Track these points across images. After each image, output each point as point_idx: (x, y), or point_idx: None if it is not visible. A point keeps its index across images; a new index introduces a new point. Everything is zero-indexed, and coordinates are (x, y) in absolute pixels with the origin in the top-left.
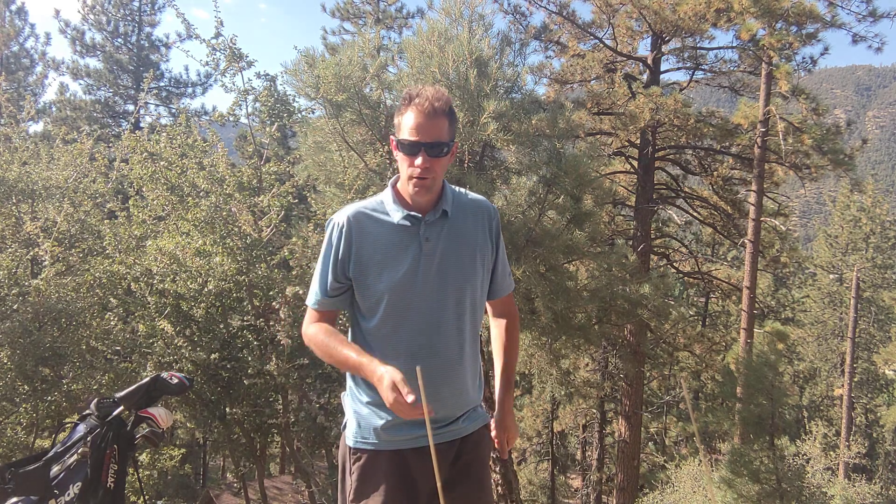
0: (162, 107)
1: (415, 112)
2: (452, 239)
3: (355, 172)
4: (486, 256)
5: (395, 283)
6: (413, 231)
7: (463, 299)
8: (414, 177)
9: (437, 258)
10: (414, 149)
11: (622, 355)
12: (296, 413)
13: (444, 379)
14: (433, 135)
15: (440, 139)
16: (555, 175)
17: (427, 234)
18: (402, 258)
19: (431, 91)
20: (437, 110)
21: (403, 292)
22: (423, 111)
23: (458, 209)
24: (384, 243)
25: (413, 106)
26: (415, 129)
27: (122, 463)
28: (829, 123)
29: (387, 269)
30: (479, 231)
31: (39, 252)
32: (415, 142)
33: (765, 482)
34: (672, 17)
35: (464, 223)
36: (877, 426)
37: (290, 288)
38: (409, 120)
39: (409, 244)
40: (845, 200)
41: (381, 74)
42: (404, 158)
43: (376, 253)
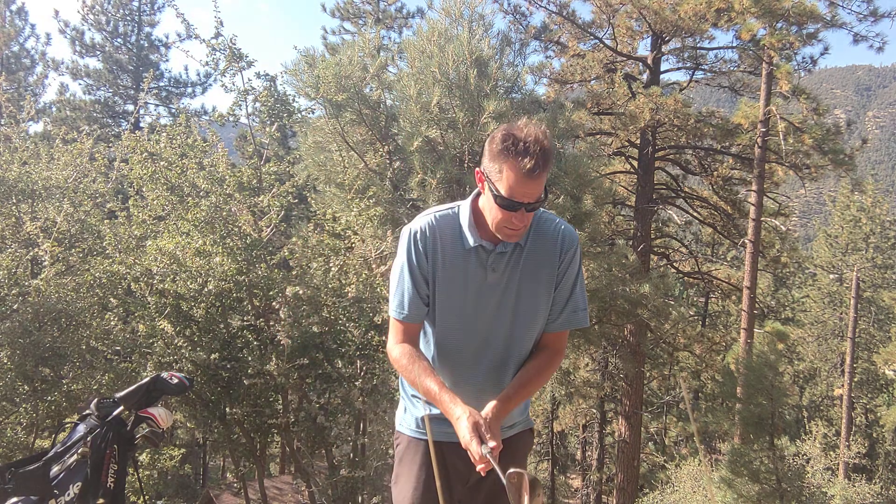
0: (162, 107)
1: (517, 172)
2: (520, 272)
3: (355, 172)
4: (551, 290)
5: (456, 307)
6: (483, 259)
7: (519, 330)
8: (507, 229)
9: (501, 290)
10: (515, 207)
11: (622, 355)
12: (296, 413)
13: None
14: (535, 194)
15: (540, 195)
16: (555, 175)
17: (494, 264)
18: (468, 284)
19: (537, 140)
20: (544, 168)
21: (461, 315)
22: (530, 174)
23: (535, 241)
24: (453, 264)
25: (517, 161)
26: (515, 192)
27: (122, 463)
28: (829, 123)
29: (451, 290)
30: (549, 264)
31: (39, 252)
32: (517, 203)
33: (765, 482)
34: (672, 17)
35: (537, 255)
36: (877, 426)
37: (290, 288)
38: (510, 176)
39: (476, 271)
40: (845, 200)
41: (381, 74)
42: (499, 210)
43: (446, 270)
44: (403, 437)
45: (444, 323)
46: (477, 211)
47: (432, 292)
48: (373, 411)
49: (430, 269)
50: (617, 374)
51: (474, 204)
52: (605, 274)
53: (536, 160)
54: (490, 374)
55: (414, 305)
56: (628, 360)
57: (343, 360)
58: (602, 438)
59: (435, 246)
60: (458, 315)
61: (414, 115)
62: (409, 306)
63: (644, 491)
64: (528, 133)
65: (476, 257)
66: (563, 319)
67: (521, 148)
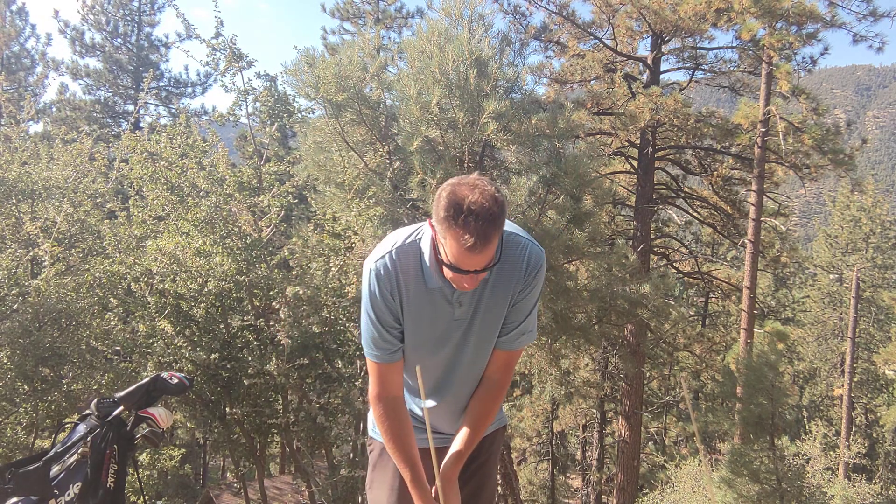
0: (162, 107)
1: (459, 247)
2: (486, 301)
3: (355, 172)
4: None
5: (421, 342)
6: (448, 295)
7: (481, 355)
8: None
9: (467, 322)
10: (462, 273)
11: (622, 355)
12: (296, 413)
13: (457, 409)
14: (483, 262)
15: (490, 261)
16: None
17: (460, 299)
18: (435, 320)
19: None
20: (489, 241)
21: (427, 349)
22: (474, 249)
23: (501, 268)
24: (418, 300)
25: (459, 237)
26: (461, 262)
27: (122, 463)
28: (829, 123)
29: (417, 326)
30: (511, 288)
31: (39, 252)
32: (462, 270)
33: (765, 482)
34: (672, 17)
35: (502, 283)
36: (877, 426)
37: (290, 288)
38: (453, 248)
39: (443, 306)
40: (845, 200)
41: (381, 74)
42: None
43: (411, 307)
44: (377, 444)
45: (410, 356)
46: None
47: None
48: None
49: (397, 308)
50: (617, 374)
51: (435, 242)
52: (605, 274)
53: (476, 238)
54: (453, 398)
55: (386, 345)
56: (628, 360)
57: (343, 360)
58: (602, 438)
59: (398, 283)
60: (425, 349)
61: (414, 115)
62: (381, 346)
63: (644, 491)
64: (472, 202)
65: (441, 294)
66: (511, 338)
67: (462, 222)
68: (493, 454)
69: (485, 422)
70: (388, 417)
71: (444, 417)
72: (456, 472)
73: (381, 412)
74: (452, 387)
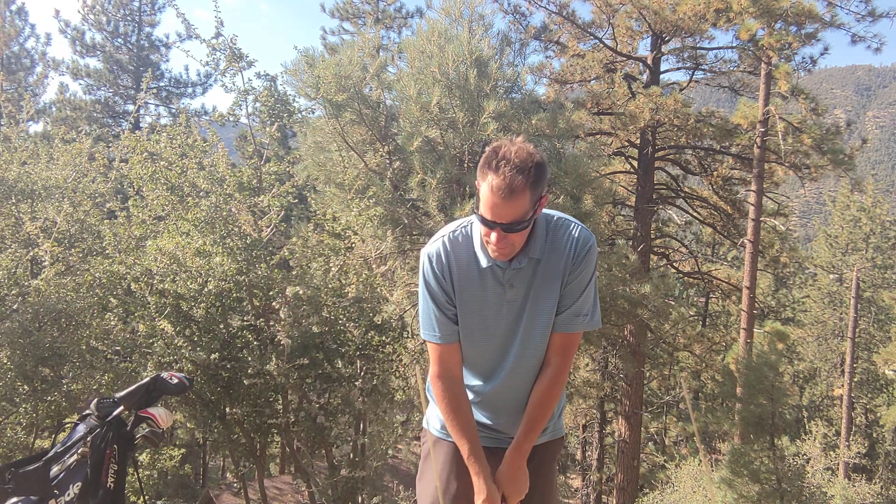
0: (162, 107)
1: (491, 192)
2: (536, 285)
3: (355, 172)
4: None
5: (477, 325)
6: (500, 276)
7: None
8: (490, 246)
9: (519, 305)
10: (489, 226)
11: (622, 355)
12: (296, 413)
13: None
14: (510, 216)
15: (517, 218)
16: (555, 175)
17: (512, 280)
18: (487, 302)
19: (516, 159)
20: (516, 190)
21: (483, 328)
22: (499, 192)
23: (549, 252)
24: (470, 284)
25: (491, 179)
26: (489, 210)
27: (122, 463)
28: (828, 123)
29: (471, 309)
30: (561, 272)
31: (39, 252)
32: (489, 220)
33: (765, 482)
34: (672, 17)
35: (550, 266)
36: (877, 426)
37: (290, 288)
38: (485, 194)
39: (495, 288)
40: (845, 200)
41: (381, 74)
42: (481, 225)
43: (464, 291)
44: (430, 435)
45: (467, 340)
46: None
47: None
48: (373, 411)
49: (451, 290)
50: (617, 374)
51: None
52: (605, 274)
53: (505, 181)
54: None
55: (443, 326)
56: (628, 360)
57: (343, 360)
58: (602, 438)
59: (451, 268)
60: (481, 332)
61: (414, 115)
62: (439, 328)
63: (644, 491)
64: (509, 151)
65: (492, 275)
66: (565, 320)
67: (495, 166)
68: (548, 465)
69: (544, 408)
70: (448, 394)
71: (500, 405)
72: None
73: (441, 390)
74: (506, 371)
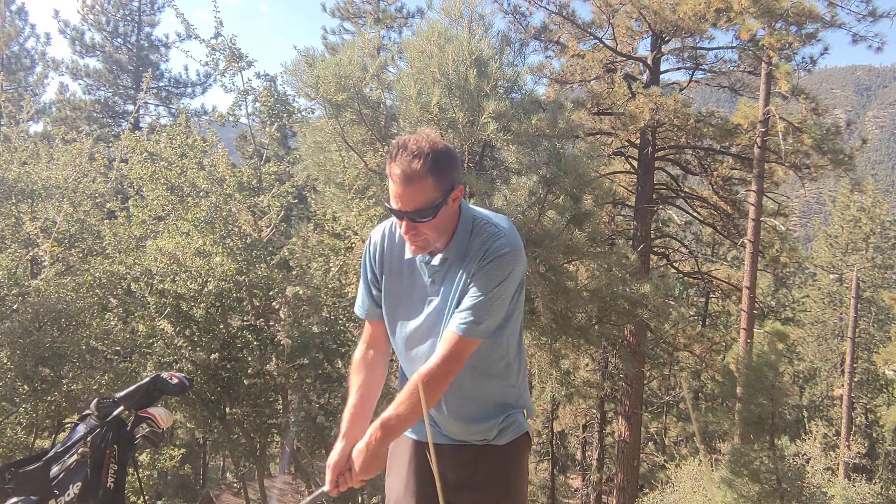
0: (162, 107)
1: (392, 180)
2: (453, 285)
3: (355, 172)
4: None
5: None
6: (423, 269)
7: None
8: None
9: (439, 301)
10: (397, 216)
11: (622, 355)
12: (296, 413)
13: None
14: (413, 202)
15: (421, 206)
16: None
17: (433, 275)
18: (411, 291)
19: (413, 146)
20: (413, 176)
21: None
22: (398, 179)
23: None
24: (398, 271)
25: (392, 168)
26: (393, 199)
27: (122, 463)
28: (828, 123)
29: (393, 296)
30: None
31: (39, 252)
32: (395, 210)
33: (765, 482)
34: (672, 17)
35: (464, 263)
36: (877, 426)
37: (290, 288)
38: (389, 184)
39: (419, 279)
40: (845, 200)
41: (381, 74)
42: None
43: (391, 276)
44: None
45: (390, 326)
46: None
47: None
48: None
49: (378, 273)
50: (617, 374)
51: None
52: (605, 274)
53: (402, 167)
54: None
55: (366, 304)
56: (628, 360)
57: (343, 360)
58: (602, 438)
59: (384, 253)
60: (401, 319)
61: (414, 115)
62: (362, 304)
63: (644, 491)
64: (408, 140)
65: (418, 267)
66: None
67: (394, 155)
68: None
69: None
70: (360, 356)
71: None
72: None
73: (358, 353)
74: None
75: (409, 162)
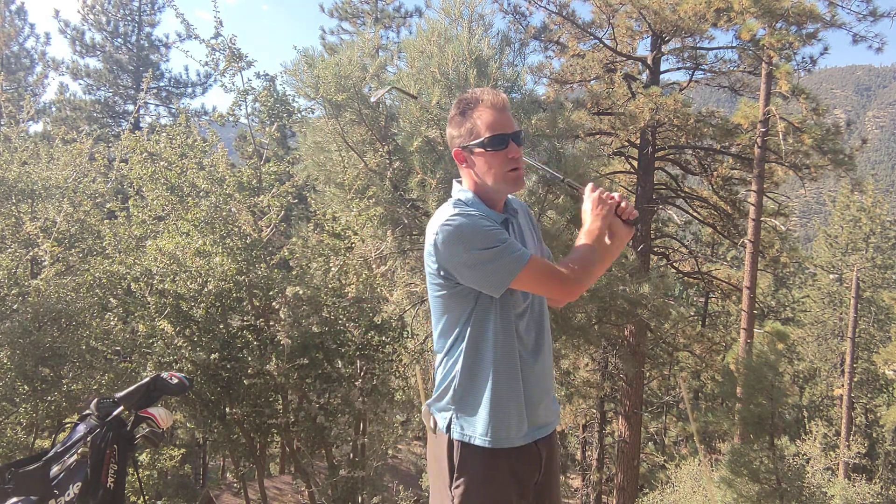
0: (162, 107)
1: (491, 109)
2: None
3: (355, 172)
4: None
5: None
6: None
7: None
8: (512, 169)
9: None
10: (504, 141)
11: (622, 355)
12: (296, 413)
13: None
14: (513, 126)
15: (518, 128)
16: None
17: (518, 229)
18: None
19: (490, 90)
20: (506, 104)
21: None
22: (498, 107)
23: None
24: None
25: (484, 105)
26: (499, 124)
27: (122, 463)
28: (829, 123)
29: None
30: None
31: (39, 252)
32: (504, 134)
33: (765, 482)
34: (672, 16)
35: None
36: (877, 426)
37: (290, 288)
38: (487, 117)
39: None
40: (845, 200)
41: (381, 74)
42: (494, 154)
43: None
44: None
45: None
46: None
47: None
48: (373, 411)
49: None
50: (617, 374)
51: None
52: (604, 274)
53: (499, 97)
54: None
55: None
56: (628, 360)
57: (343, 360)
58: (602, 438)
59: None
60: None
61: (414, 115)
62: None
63: (644, 491)
64: (480, 91)
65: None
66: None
67: (477, 95)
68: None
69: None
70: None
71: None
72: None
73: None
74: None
75: (498, 94)
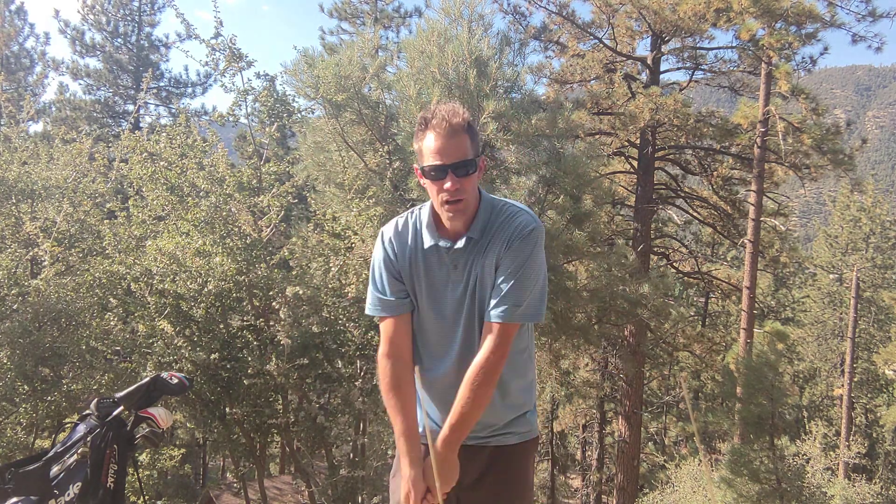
0: (162, 107)
1: (434, 134)
2: (477, 266)
3: (355, 172)
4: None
5: (422, 304)
6: (444, 257)
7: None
8: (446, 202)
9: (463, 285)
10: (440, 172)
11: (622, 355)
12: (296, 413)
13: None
14: (456, 154)
15: (464, 157)
16: (554, 175)
17: (455, 261)
18: (433, 281)
19: (446, 109)
20: (455, 128)
21: (427, 311)
22: (441, 132)
23: (488, 232)
24: (416, 263)
25: (430, 129)
26: (437, 153)
27: (122, 463)
28: (828, 123)
29: (417, 288)
30: (496, 252)
31: (39, 252)
32: (439, 165)
33: (765, 482)
34: (672, 17)
35: (490, 247)
36: (877, 426)
37: (290, 288)
38: (429, 143)
39: (440, 269)
40: (845, 200)
41: (381, 74)
42: (432, 185)
43: (412, 269)
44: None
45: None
46: (435, 211)
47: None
48: (373, 411)
49: (399, 267)
50: (617, 374)
51: (433, 204)
52: (604, 274)
53: (446, 120)
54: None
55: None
56: (628, 360)
57: (343, 360)
58: (602, 438)
59: (402, 246)
60: (425, 311)
61: (414, 115)
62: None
63: (644, 491)
64: (437, 107)
65: (437, 256)
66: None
67: (428, 116)
68: (518, 470)
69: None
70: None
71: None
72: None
73: (385, 368)
74: (454, 357)
75: (450, 117)
